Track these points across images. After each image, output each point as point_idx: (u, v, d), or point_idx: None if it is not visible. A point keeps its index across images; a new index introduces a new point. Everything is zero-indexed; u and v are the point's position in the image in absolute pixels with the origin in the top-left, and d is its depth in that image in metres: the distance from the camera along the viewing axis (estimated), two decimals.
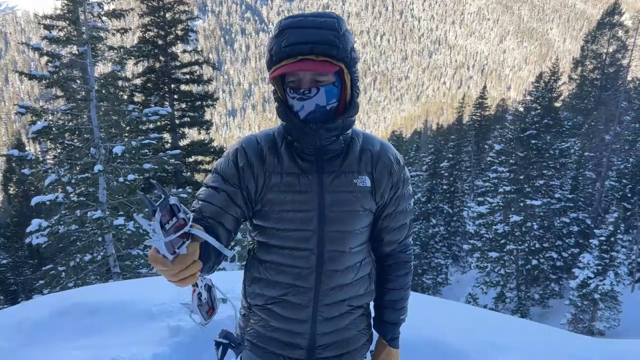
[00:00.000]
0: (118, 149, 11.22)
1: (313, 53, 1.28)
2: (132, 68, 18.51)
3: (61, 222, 10.95)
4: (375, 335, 1.72)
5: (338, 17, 1.35)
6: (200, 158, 18.53)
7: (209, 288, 1.15)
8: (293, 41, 1.28)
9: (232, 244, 1.74)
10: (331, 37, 1.29)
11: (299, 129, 1.39)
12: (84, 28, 11.92)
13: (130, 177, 11.49)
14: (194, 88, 18.40)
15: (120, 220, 11.03)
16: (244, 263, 1.64)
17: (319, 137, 1.38)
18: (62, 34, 12.83)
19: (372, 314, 1.73)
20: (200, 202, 1.41)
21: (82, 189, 11.82)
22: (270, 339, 1.58)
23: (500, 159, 23.66)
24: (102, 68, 15.50)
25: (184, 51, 18.19)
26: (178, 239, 1.00)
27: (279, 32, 1.31)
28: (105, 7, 12.63)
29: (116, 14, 12.68)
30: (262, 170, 1.43)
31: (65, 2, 12.34)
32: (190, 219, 1.04)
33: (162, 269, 1.01)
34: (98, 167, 10.84)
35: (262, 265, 1.53)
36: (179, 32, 17.53)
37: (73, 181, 11.48)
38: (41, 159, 12.00)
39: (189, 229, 1.03)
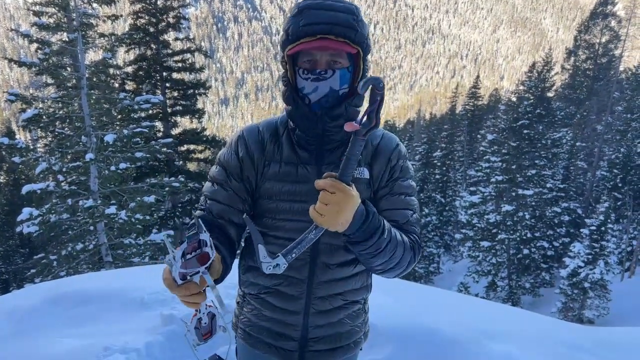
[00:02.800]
0: (109, 138, 11.15)
1: (332, 33, 1.28)
2: (123, 56, 18.30)
3: (52, 211, 10.90)
4: (372, 324, 1.70)
5: (356, 6, 1.36)
6: (192, 147, 18.43)
7: (213, 316, 1.20)
8: (312, 20, 1.28)
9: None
10: (350, 20, 1.30)
11: (303, 114, 1.37)
12: (74, 14, 11.78)
13: (122, 165, 11.44)
14: (186, 76, 18.26)
15: (112, 209, 10.99)
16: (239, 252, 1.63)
17: (322, 123, 1.36)
18: (51, 20, 12.64)
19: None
20: (208, 201, 1.45)
21: (74, 177, 11.76)
22: (262, 328, 1.57)
23: (492, 149, 23.75)
24: (92, 55, 15.38)
25: (176, 39, 18.03)
26: (193, 268, 1.08)
27: (297, 12, 1.31)
28: None
29: (107, 1, 12.50)
30: (262, 159, 1.43)
31: None
32: (213, 254, 1.09)
33: (168, 288, 1.10)
34: (89, 156, 10.77)
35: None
36: (171, 20, 17.36)
37: (64, 170, 11.41)
38: (32, 147, 11.91)
39: (202, 270, 1.09)
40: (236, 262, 1.66)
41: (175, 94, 17.90)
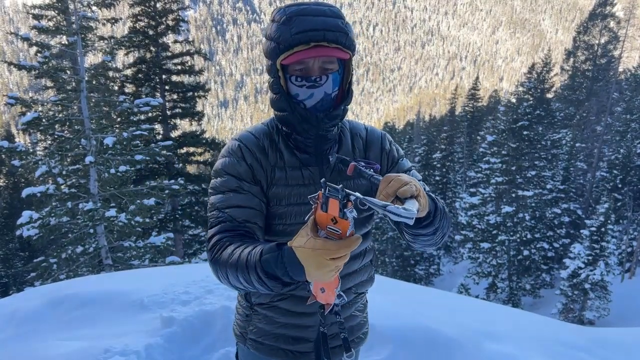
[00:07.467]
0: (109, 140, 11.17)
1: (325, 40, 1.27)
2: (122, 59, 18.35)
3: (52, 214, 10.89)
4: (372, 325, 1.73)
5: (338, 8, 1.36)
6: (192, 149, 18.42)
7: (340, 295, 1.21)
8: (305, 28, 1.27)
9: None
10: (340, 24, 1.30)
11: (302, 118, 1.38)
12: (73, 18, 11.81)
13: (122, 168, 11.44)
14: (185, 79, 18.26)
15: (111, 212, 10.98)
16: None
17: (322, 125, 1.39)
18: (51, 23, 12.68)
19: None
20: (226, 210, 1.35)
21: (73, 180, 11.76)
22: (277, 335, 1.56)
23: (492, 150, 23.77)
24: (92, 58, 15.37)
25: (175, 41, 18.02)
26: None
27: (286, 20, 1.29)
28: None
29: (106, 4, 12.53)
30: (269, 165, 1.43)
31: None
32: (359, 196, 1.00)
33: (338, 251, 1.03)
34: (89, 159, 10.78)
35: None
36: (170, 22, 17.37)
37: (64, 173, 11.42)
38: (31, 150, 11.91)
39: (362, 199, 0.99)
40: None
41: (175, 96, 17.90)
